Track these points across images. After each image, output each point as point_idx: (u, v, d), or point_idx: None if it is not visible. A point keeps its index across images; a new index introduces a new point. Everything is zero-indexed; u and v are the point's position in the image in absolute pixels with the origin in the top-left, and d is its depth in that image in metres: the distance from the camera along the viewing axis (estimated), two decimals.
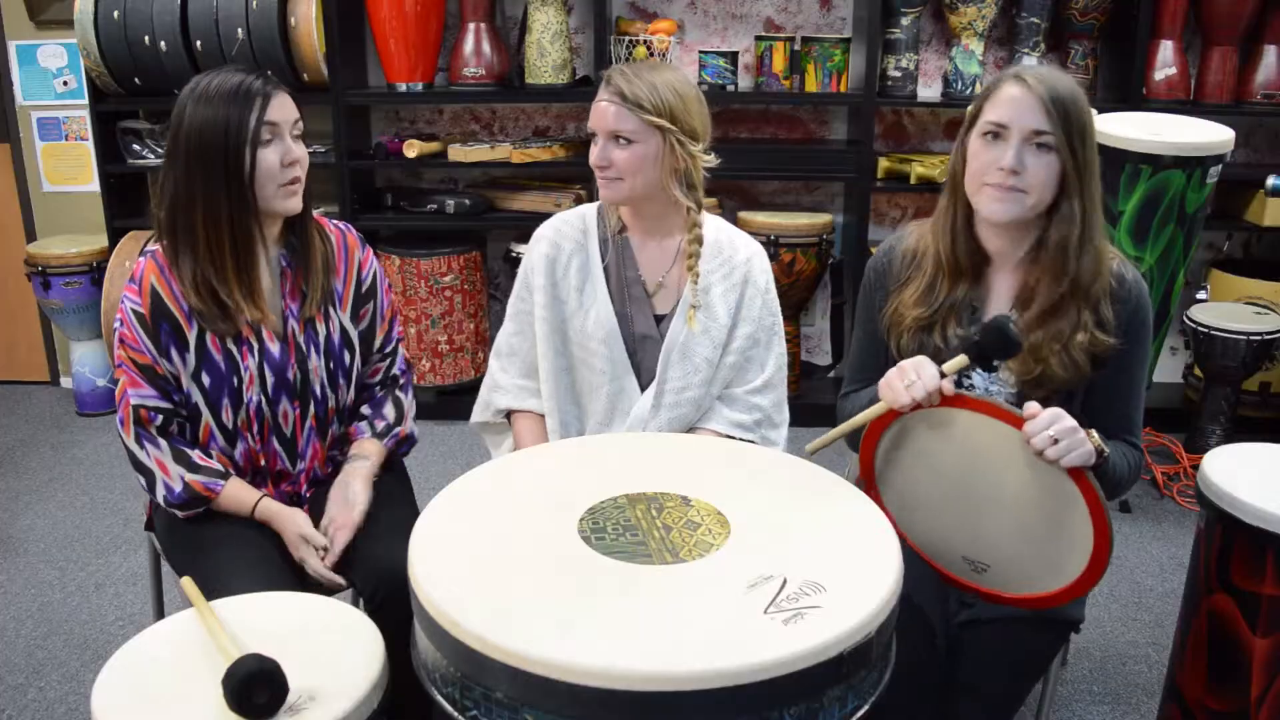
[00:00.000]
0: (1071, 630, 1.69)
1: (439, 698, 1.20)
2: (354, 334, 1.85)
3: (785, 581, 1.21)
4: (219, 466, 1.74)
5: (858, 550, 1.30)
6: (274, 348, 1.75)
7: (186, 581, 1.51)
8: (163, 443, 1.72)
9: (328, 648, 1.34)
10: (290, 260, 1.78)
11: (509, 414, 2.01)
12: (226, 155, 1.64)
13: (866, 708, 1.18)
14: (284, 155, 1.68)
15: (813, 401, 3.66)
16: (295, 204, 1.73)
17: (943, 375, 1.44)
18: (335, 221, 1.89)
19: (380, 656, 1.32)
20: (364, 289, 1.87)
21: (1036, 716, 1.83)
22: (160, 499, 1.72)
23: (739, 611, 1.16)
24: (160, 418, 1.72)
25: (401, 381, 1.94)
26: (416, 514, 1.41)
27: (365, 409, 1.90)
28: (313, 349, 1.79)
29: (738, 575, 1.23)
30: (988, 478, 1.45)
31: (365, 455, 1.83)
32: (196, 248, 1.68)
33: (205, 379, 1.72)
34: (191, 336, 1.70)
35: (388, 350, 1.92)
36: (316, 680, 1.26)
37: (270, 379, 1.75)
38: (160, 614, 1.98)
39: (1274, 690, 1.69)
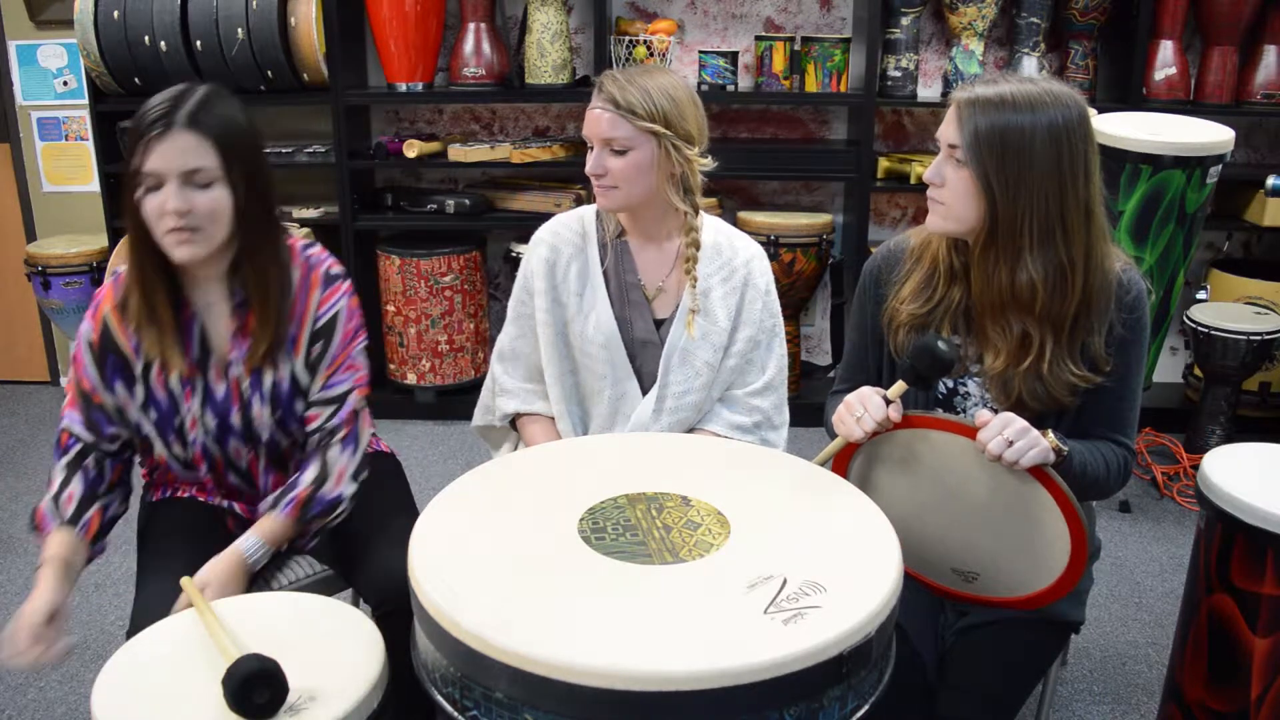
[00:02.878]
0: (1072, 632, 1.70)
1: (439, 698, 1.20)
2: (305, 382, 1.70)
3: (785, 581, 1.21)
4: (70, 514, 1.62)
5: (858, 550, 1.30)
6: (219, 389, 1.67)
7: (186, 581, 1.51)
8: (62, 465, 1.65)
9: (328, 648, 1.34)
10: (242, 300, 1.65)
11: (514, 418, 2.00)
12: (131, 192, 1.55)
13: (866, 708, 1.18)
14: (162, 204, 1.52)
15: (813, 401, 3.65)
16: (183, 254, 1.55)
17: (888, 402, 1.46)
18: (310, 252, 1.72)
19: (380, 656, 1.32)
20: (318, 326, 1.69)
21: (1036, 716, 1.83)
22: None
23: (739, 611, 1.16)
24: (77, 447, 1.66)
25: (341, 434, 1.69)
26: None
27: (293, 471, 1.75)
28: (256, 396, 1.67)
29: (738, 575, 1.23)
30: (957, 490, 1.47)
31: (239, 548, 1.61)
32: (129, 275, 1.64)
33: (152, 414, 1.67)
34: (138, 371, 1.65)
35: (330, 398, 1.69)
36: (316, 680, 1.26)
37: (212, 421, 1.67)
38: None
39: (1274, 690, 1.69)
